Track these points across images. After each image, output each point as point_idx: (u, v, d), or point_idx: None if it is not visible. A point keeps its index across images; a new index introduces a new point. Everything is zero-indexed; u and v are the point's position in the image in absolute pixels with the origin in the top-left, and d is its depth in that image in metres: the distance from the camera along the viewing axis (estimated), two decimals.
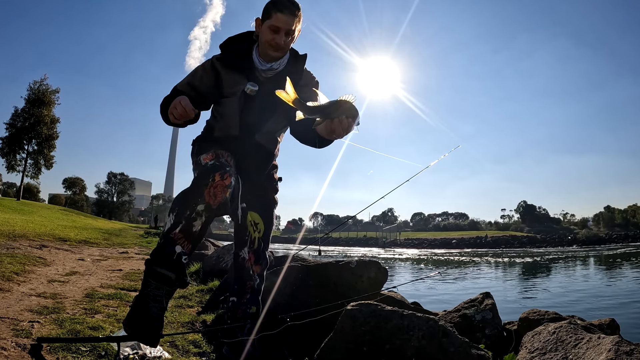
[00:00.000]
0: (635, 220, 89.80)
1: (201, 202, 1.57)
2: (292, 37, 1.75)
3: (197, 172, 1.71)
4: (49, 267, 4.22)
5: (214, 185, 1.58)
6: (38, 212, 23.04)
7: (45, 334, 1.96)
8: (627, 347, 1.52)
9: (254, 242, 1.88)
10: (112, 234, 11.59)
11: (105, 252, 6.99)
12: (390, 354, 1.81)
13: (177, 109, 1.61)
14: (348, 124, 1.38)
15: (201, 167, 1.70)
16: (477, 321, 2.57)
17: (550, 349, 1.77)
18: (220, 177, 1.60)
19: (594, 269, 16.26)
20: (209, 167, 1.63)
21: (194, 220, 1.57)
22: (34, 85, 34.98)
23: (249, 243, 1.87)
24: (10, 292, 2.77)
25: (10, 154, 34.08)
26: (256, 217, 1.89)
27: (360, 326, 1.87)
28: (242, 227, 1.88)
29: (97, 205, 72.32)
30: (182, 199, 1.63)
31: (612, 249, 32.81)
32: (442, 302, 6.32)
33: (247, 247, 1.87)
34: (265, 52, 1.75)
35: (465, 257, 26.05)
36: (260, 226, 1.90)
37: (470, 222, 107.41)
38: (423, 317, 1.89)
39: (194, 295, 3.55)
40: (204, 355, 2.07)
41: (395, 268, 17.32)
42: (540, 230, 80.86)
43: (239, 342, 1.69)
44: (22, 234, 6.82)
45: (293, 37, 1.76)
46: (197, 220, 1.57)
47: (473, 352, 1.79)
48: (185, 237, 1.57)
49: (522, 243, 51.81)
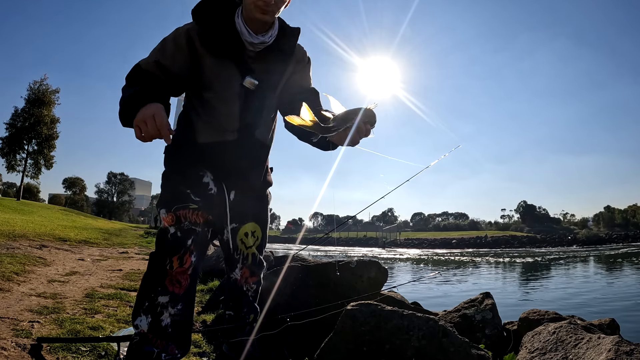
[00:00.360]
0: (635, 220, 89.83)
1: (163, 292, 1.36)
2: None
3: (155, 244, 1.44)
4: (49, 267, 4.22)
5: (173, 273, 1.37)
6: (38, 212, 23.04)
7: (45, 334, 1.96)
8: (627, 347, 1.52)
9: (247, 259, 1.61)
10: (112, 234, 11.59)
11: (105, 252, 6.99)
12: (390, 354, 1.81)
13: (147, 124, 1.17)
14: (367, 131, 1.23)
15: (159, 237, 1.44)
16: (477, 321, 2.57)
17: (550, 349, 1.77)
18: (179, 262, 1.37)
19: (594, 269, 16.26)
20: (165, 246, 1.40)
21: (161, 315, 1.35)
22: (34, 85, 34.96)
23: (242, 260, 1.61)
24: (10, 292, 2.77)
25: (10, 154, 34.05)
26: (250, 227, 1.62)
27: (360, 326, 1.87)
28: (232, 248, 1.60)
29: (97, 205, 72.29)
30: (142, 287, 1.40)
31: (612, 249, 32.82)
32: (442, 302, 6.32)
33: (240, 264, 1.61)
34: (252, 15, 1.36)
35: (465, 257, 26.07)
36: (257, 233, 1.63)
37: (470, 222, 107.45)
38: (423, 317, 1.89)
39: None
40: (204, 355, 2.07)
41: (395, 268, 17.33)
42: (540, 230, 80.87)
43: (238, 342, 1.68)
44: (22, 234, 6.82)
45: None
46: (165, 313, 1.35)
47: (473, 352, 1.79)
48: (155, 336, 1.35)
49: (522, 243, 51.83)
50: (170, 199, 1.45)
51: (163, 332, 1.35)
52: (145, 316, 1.35)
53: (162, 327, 1.35)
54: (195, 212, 1.44)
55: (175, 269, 1.36)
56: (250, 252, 1.61)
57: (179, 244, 1.39)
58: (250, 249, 1.61)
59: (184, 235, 1.41)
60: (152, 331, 1.34)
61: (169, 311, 1.36)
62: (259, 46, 1.43)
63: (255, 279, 1.66)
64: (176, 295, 1.37)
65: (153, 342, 1.34)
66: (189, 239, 1.41)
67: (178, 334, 1.39)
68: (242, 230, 1.59)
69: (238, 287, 1.63)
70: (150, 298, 1.35)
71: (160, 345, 1.35)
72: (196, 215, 1.44)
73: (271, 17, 1.39)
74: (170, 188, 1.48)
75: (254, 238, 1.62)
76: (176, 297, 1.37)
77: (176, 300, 1.37)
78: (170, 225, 1.41)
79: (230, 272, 1.64)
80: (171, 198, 1.45)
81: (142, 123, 1.17)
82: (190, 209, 1.43)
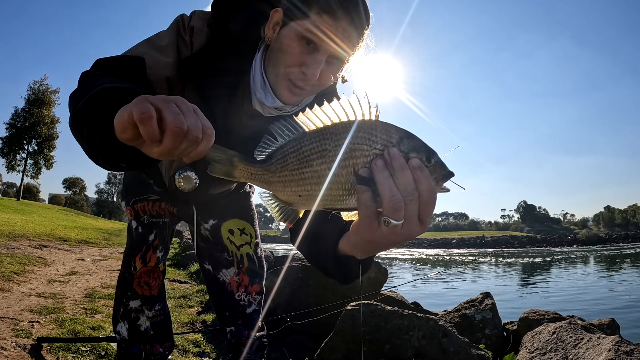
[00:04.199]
0: (635, 220, 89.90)
1: (133, 297, 1.29)
2: (336, 68, 0.90)
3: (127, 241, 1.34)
4: (49, 267, 4.22)
5: (138, 274, 1.28)
6: (38, 212, 23.04)
7: (45, 334, 1.96)
8: (627, 347, 1.52)
9: (242, 261, 1.34)
10: (112, 234, 11.59)
11: (105, 252, 6.99)
12: (390, 354, 1.81)
13: (184, 114, 0.54)
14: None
15: (127, 232, 1.35)
16: (477, 321, 2.57)
17: (550, 349, 1.77)
18: (142, 262, 1.27)
19: (594, 269, 16.26)
20: (129, 244, 1.31)
21: (137, 320, 1.29)
22: (34, 85, 35.02)
23: (237, 264, 1.34)
24: (10, 292, 2.77)
25: (10, 154, 34.09)
26: (236, 224, 1.35)
27: (360, 326, 1.87)
28: (216, 244, 1.35)
29: (97, 205, 72.36)
30: (116, 291, 1.33)
31: (612, 249, 32.83)
32: (442, 302, 6.32)
33: (235, 269, 1.34)
34: (279, 84, 0.90)
35: (465, 257, 26.07)
36: (248, 230, 1.37)
37: (470, 222, 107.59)
38: (423, 317, 1.89)
39: (194, 295, 3.55)
40: (204, 355, 2.07)
41: (395, 268, 17.32)
42: (540, 230, 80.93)
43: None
44: (22, 234, 6.82)
45: (339, 69, 0.91)
46: (141, 318, 1.29)
47: (473, 352, 1.78)
48: (137, 341, 1.31)
49: (522, 243, 51.84)
50: (130, 189, 1.31)
51: (144, 336, 1.30)
52: (122, 322, 1.30)
53: (141, 332, 1.30)
54: (156, 203, 1.29)
55: (139, 269, 1.28)
56: (242, 252, 1.36)
57: (140, 241, 1.29)
58: (242, 248, 1.36)
59: (145, 230, 1.29)
60: (133, 337, 1.30)
61: (146, 314, 1.30)
62: (269, 111, 0.97)
63: (258, 288, 1.37)
64: (148, 297, 1.30)
65: (138, 346, 1.32)
66: (150, 234, 1.29)
67: (160, 333, 1.34)
68: (225, 227, 1.35)
69: (228, 291, 1.35)
70: (123, 304, 1.30)
71: (145, 348, 1.31)
72: (158, 207, 1.30)
73: (300, 99, 0.96)
74: (131, 176, 1.33)
75: (246, 236, 1.37)
76: (149, 299, 1.30)
77: (150, 302, 1.30)
78: (132, 219, 1.31)
79: (216, 271, 1.36)
80: (130, 189, 1.31)
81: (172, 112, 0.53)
82: (150, 201, 1.29)
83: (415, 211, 0.53)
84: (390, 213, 0.52)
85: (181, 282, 4.32)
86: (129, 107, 0.53)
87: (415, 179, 0.52)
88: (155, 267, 1.30)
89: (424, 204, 0.53)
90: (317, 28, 0.83)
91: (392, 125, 0.55)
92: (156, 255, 1.29)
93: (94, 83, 0.72)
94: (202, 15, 0.99)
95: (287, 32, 0.87)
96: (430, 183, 0.53)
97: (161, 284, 1.35)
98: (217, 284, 1.36)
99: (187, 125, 0.52)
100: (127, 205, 1.30)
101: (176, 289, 3.87)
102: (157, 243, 1.30)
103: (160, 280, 1.34)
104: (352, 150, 0.54)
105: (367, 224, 0.55)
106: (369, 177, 0.53)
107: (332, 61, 0.88)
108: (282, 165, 0.58)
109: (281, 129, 0.59)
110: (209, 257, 1.38)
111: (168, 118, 0.52)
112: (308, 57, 0.86)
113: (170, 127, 0.51)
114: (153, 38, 0.96)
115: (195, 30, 0.96)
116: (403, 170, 0.52)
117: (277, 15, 0.90)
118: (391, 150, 0.53)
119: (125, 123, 0.53)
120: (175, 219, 1.39)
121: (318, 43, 0.84)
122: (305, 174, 0.56)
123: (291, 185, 0.57)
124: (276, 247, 26.57)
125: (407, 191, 0.52)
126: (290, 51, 0.86)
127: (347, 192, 0.55)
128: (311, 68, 0.85)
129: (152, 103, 0.52)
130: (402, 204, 0.52)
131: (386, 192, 0.52)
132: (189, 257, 5.90)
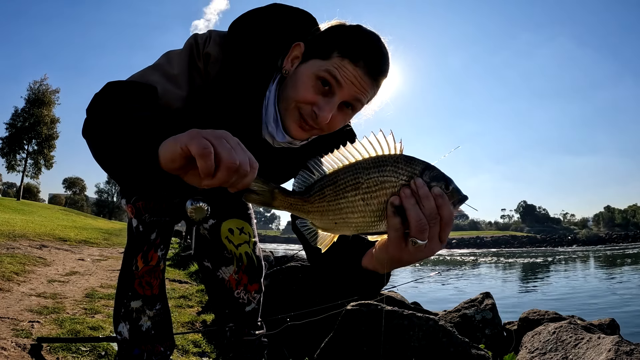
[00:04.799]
0: (635, 220, 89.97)
1: (134, 297, 1.26)
2: (348, 115, 0.91)
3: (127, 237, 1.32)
4: (49, 267, 4.22)
5: (139, 274, 1.26)
6: (38, 212, 23.05)
7: (45, 334, 1.96)
8: (627, 347, 1.52)
9: (241, 260, 1.36)
10: (112, 234, 11.59)
11: (105, 252, 6.99)
12: (390, 354, 1.81)
13: (234, 153, 0.57)
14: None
15: (127, 230, 1.32)
16: (477, 321, 2.58)
17: (550, 349, 1.77)
18: (144, 261, 1.25)
19: (594, 269, 16.26)
20: (130, 243, 1.28)
21: (139, 320, 1.28)
22: (34, 85, 35.05)
23: (236, 262, 1.36)
24: (10, 292, 2.77)
25: (10, 154, 34.11)
26: (235, 223, 1.37)
27: (360, 326, 1.87)
28: (215, 243, 1.36)
29: (97, 205, 72.33)
30: (117, 291, 1.31)
31: (612, 249, 32.82)
32: (442, 302, 6.32)
33: (234, 267, 1.36)
34: (289, 118, 0.90)
35: (465, 257, 26.06)
36: (247, 229, 1.38)
37: (470, 222, 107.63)
38: (423, 317, 1.89)
39: (194, 295, 3.55)
40: (204, 355, 2.07)
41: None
42: (540, 230, 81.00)
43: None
44: (22, 234, 6.82)
45: (351, 116, 0.93)
46: (143, 318, 1.28)
47: (473, 352, 1.79)
48: (139, 342, 1.29)
49: (522, 243, 51.85)
50: (131, 187, 1.30)
51: (145, 336, 1.30)
52: (124, 323, 1.29)
53: (143, 332, 1.29)
54: (158, 202, 1.29)
55: (141, 269, 1.26)
56: (241, 250, 1.38)
57: (141, 239, 1.27)
58: (240, 247, 1.37)
59: (147, 229, 1.27)
60: (134, 337, 1.29)
61: (147, 314, 1.29)
62: (279, 143, 0.97)
63: (257, 286, 1.40)
64: (149, 297, 1.29)
65: (139, 347, 1.31)
66: (152, 233, 1.27)
67: (161, 332, 1.33)
68: (225, 227, 1.36)
69: (227, 289, 1.38)
70: (124, 304, 1.28)
71: (146, 349, 1.31)
72: (160, 206, 1.29)
73: (308, 136, 0.95)
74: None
75: (245, 235, 1.39)
76: (150, 298, 1.29)
77: (151, 301, 1.29)
78: (132, 217, 1.28)
79: (215, 268, 1.39)
80: (132, 187, 1.29)
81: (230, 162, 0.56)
82: (152, 199, 1.29)
83: (436, 232, 0.61)
84: (417, 234, 0.60)
85: (181, 282, 4.32)
86: (183, 140, 0.56)
87: (437, 205, 0.60)
88: (157, 266, 1.29)
89: (445, 226, 0.61)
90: (337, 71, 0.83)
91: (414, 158, 0.63)
92: (157, 254, 1.28)
93: (126, 112, 0.72)
94: (218, 40, 0.95)
95: (305, 69, 0.87)
96: (449, 208, 0.61)
97: (162, 283, 1.35)
98: (217, 282, 1.39)
99: (240, 161, 0.56)
100: (127, 203, 1.29)
101: (176, 289, 3.87)
102: (158, 242, 1.29)
103: (160, 279, 1.33)
104: (381, 182, 0.62)
105: (397, 244, 0.63)
106: (399, 205, 0.61)
107: (344, 109, 0.88)
108: (320, 197, 0.65)
109: (317, 164, 0.66)
110: (208, 255, 1.40)
111: (223, 154, 0.55)
112: (322, 98, 0.86)
113: (225, 163, 0.55)
114: (164, 64, 0.93)
115: (211, 59, 0.93)
116: (428, 198, 0.60)
117: (298, 50, 0.89)
118: (417, 181, 0.61)
119: (176, 155, 0.57)
120: (175, 218, 1.38)
121: (335, 86, 0.85)
122: (341, 204, 0.63)
123: (328, 215, 0.65)
124: (276, 247, 26.57)
125: (431, 215, 0.60)
126: (305, 88, 0.86)
127: (377, 219, 0.63)
128: (324, 111, 0.85)
129: (207, 138, 0.55)
130: (427, 227, 0.60)
131: (413, 217, 0.60)
132: (189, 257, 5.90)
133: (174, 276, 4.71)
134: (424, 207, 0.60)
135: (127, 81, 0.88)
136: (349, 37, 0.86)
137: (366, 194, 0.62)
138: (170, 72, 0.91)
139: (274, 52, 0.95)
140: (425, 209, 0.60)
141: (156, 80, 0.88)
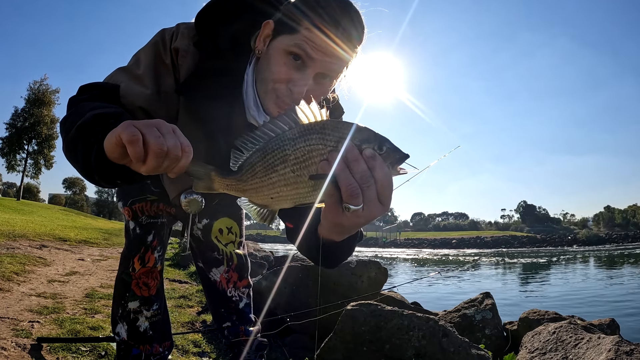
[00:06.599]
0: (635, 220, 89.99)
1: (132, 298, 1.27)
2: (325, 86, 0.89)
3: (125, 239, 1.33)
4: (49, 267, 4.22)
5: (137, 275, 1.27)
6: (38, 212, 23.05)
7: (45, 334, 1.96)
8: (627, 347, 1.52)
9: (232, 259, 1.42)
10: (112, 234, 11.58)
11: (105, 252, 6.99)
12: (390, 353, 1.81)
13: (164, 135, 0.61)
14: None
15: (125, 232, 1.34)
16: (477, 321, 2.58)
17: (550, 349, 1.77)
18: (141, 263, 1.26)
19: (594, 269, 16.26)
20: (127, 244, 1.30)
21: (136, 321, 1.29)
22: (34, 85, 35.00)
23: (226, 262, 1.42)
24: (10, 292, 2.77)
25: (10, 154, 34.07)
26: (225, 222, 1.42)
27: (360, 326, 1.87)
28: (207, 244, 1.42)
29: (97, 205, 72.39)
30: (114, 292, 1.32)
31: (612, 249, 32.83)
32: (442, 302, 6.32)
33: (225, 267, 1.42)
34: (267, 99, 0.89)
35: (465, 257, 26.07)
36: (235, 229, 1.44)
37: (470, 222, 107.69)
38: (423, 317, 1.89)
39: (194, 295, 3.55)
40: (204, 355, 2.07)
41: (395, 268, 17.32)
42: (540, 230, 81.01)
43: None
44: (22, 234, 6.81)
45: (328, 86, 0.90)
46: (140, 319, 1.29)
47: (473, 352, 1.79)
48: (137, 342, 1.30)
49: (522, 243, 51.86)
50: (127, 190, 1.31)
51: (143, 337, 1.31)
52: (122, 323, 1.30)
53: (141, 333, 1.30)
54: (154, 203, 1.30)
55: (138, 270, 1.27)
56: (230, 249, 1.43)
57: (138, 241, 1.28)
58: (229, 246, 1.43)
59: (143, 230, 1.29)
60: (133, 338, 1.30)
61: (145, 314, 1.30)
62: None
63: (246, 282, 1.47)
64: (146, 298, 1.30)
65: (137, 347, 1.32)
66: (149, 235, 1.29)
67: (159, 333, 1.34)
68: (216, 227, 1.41)
69: (221, 290, 1.43)
70: (122, 305, 1.29)
71: (145, 349, 1.32)
72: (156, 207, 1.30)
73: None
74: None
75: (232, 235, 1.44)
76: (147, 299, 1.30)
77: (149, 302, 1.30)
78: (129, 219, 1.30)
79: (207, 270, 1.44)
80: (127, 189, 1.31)
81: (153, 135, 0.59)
82: (148, 201, 1.29)
83: (374, 195, 0.59)
84: (350, 199, 0.58)
85: (181, 282, 4.32)
86: (117, 130, 0.60)
87: (370, 167, 0.58)
88: (154, 267, 1.30)
89: (382, 188, 0.59)
90: (306, 43, 0.81)
91: (341, 121, 0.60)
92: (154, 256, 1.29)
93: (83, 109, 0.76)
94: (186, 32, 0.95)
95: (275, 45, 0.85)
96: (384, 169, 0.58)
97: (159, 284, 1.36)
98: (209, 283, 1.44)
99: (167, 146, 0.59)
100: (124, 206, 1.30)
101: (176, 289, 3.87)
102: (155, 244, 1.30)
103: (158, 280, 1.34)
104: (309, 152, 0.59)
105: (333, 211, 0.62)
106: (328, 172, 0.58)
107: (320, 81, 0.86)
108: (252, 175, 0.63)
109: (245, 142, 0.64)
110: (201, 256, 1.45)
111: (150, 141, 0.58)
112: (295, 73, 0.84)
113: (152, 148, 0.58)
114: (132, 64, 0.95)
115: (180, 53, 0.94)
116: (357, 161, 0.58)
117: (268, 28, 0.88)
118: (345, 144, 0.58)
119: (113, 145, 0.61)
120: (172, 218, 1.40)
121: (306, 59, 0.82)
122: (273, 178, 0.62)
123: (262, 191, 0.63)
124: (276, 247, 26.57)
125: (363, 179, 0.57)
126: (277, 66, 0.84)
127: (312, 189, 0.61)
128: (298, 85, 0.83)
129: (137, 127, 0.59)
130: (359, 191, 0.58)
131: (343, 182, 0.58)
132: (189, 257, 5.90)
133: (173, 276, 4.71)
134: (353, 171, 0.57)
135: (93, 83, 0.91)
136: (316, 6, 0.82)
137: (295, 166, 0.60)
138: (136, 72, 0.93)
139: (245, 34, 0.93)
140: (356, 172, 0.57)
141: (121, 80, 0.91)
